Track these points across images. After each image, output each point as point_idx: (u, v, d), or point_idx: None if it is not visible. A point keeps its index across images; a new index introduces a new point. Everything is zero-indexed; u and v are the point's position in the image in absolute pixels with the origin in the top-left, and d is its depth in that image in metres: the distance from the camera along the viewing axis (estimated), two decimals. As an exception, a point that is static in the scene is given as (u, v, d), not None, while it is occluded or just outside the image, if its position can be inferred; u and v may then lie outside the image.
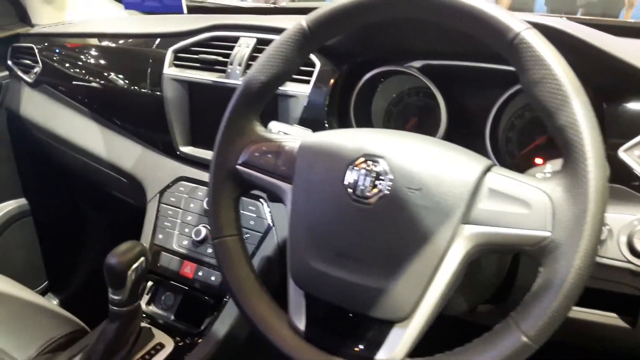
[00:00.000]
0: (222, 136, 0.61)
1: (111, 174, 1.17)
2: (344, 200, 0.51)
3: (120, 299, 0.76)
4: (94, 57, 1.20)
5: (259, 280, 0.60)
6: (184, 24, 1.06)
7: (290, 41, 0.58)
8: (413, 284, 0.47)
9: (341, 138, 0.54)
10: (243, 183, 0.61)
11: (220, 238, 0.61)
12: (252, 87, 0.60)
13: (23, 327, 1.01)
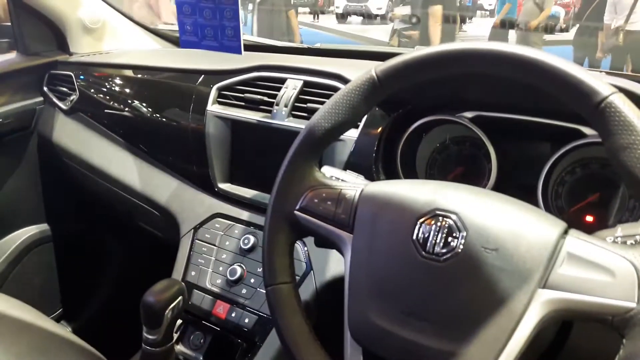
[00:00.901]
0: (281, 180, 0.61)
1: (143, 206, 1.16)
2: (413, 256, 0.50)
3: (155, 339, 0.75)
4: (133, 89, 1.22)
5: (313, 331, 0.58)
6: (227, 62, 1.07)
7: (359, 90, 0.58)
8: (486, 348, 0.46)
9: (408, 190, 0.53)
10: (300, 229, 0.60)
11: (274, 285, 0.60)
12: (315, 133, 0.60)
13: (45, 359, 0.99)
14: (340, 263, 0.81)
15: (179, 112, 1.08)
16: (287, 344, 0.57)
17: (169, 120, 1.11)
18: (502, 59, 0.49)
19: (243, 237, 0.94)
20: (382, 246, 0.52)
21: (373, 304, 0.52)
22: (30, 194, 1.48)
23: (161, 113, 1.13)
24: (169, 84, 1.15)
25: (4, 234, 1.46)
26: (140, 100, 1.18)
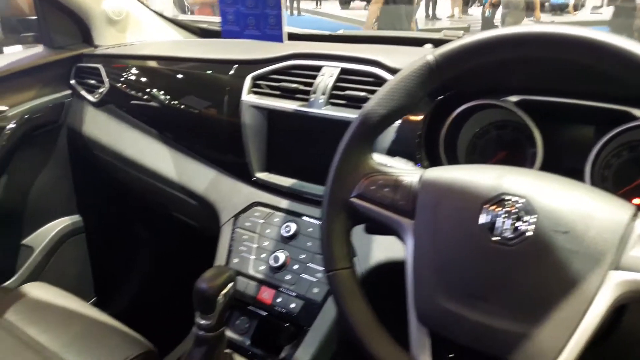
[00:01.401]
0: (337, 168, 0.62)
1: (179, 196, 1.18)
2: (480, 241, 0.51)
3: (208, 324, 0.76)
4: (164, 80, 1.23)
5: (375, 315, 0.60)
6: (258, 51, 1.07)
7: (415, 75, 0.58)
8: (558, 330, 0.47)
9: (470, 175, 0.54)
10: (357, 216, 0.62)
11: (335, 270, 0.61)
12: (370, 119, 0.61)
13: (96, 346, 1.02)
14: (385, 249, 0.83)
15: (213, 103, 1.09)
16: (351, 327, 0.58)
17: (202, 111, 1.12)
18: (572, 43, 0.50)
19: (284, 224, 0.96)
20: (447, 232, 0.54)
21: (440, 288, 0.53)
22: (62, 186, 1.51)
23: (194, 104, 1.14)
24: (201, 74, 1.16)
25: (39, 225, 1.48)
26: (172, 91, 1.19)
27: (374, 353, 0.56)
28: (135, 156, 1.26)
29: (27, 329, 1.06)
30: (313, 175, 0.98)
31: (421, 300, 0.55)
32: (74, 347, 1.01)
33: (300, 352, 0.85)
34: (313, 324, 0.85)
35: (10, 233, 1.44)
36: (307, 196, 0.97)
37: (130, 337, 1.06)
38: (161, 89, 1.21)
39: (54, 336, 1.04)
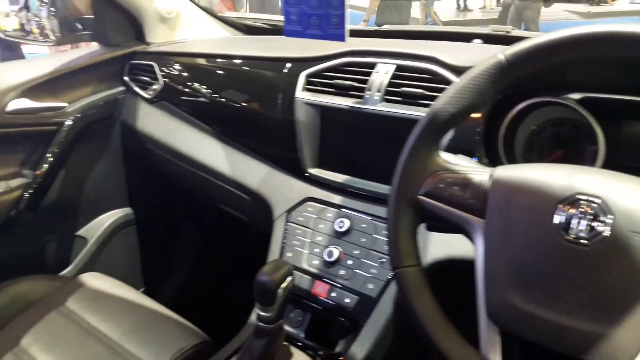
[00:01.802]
0: (404, 165, 0.63)
1: (231, 190, 1.20)
2: (554, 241, 0.51)
3: (269, 317, 0.78)
4: (217, 77, 1.25)
5: (443, 312, 0.60)
6: (309, 49, 1.09)
7: (486, 74, 0.59)
8: (635, 331, 0.47)
9: (543, 174, 0.54)
10: (424, 213, 0.62)
11: (402, 267, 0.62)
12: (439, 117, 0.61)
13: (154, 335, 1.05)
14: (443, 247, 0.83)
15: (266, 99, 1.11)
16: (420, 324, 0.59)
17: (256, 108, 1.14)
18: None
19: (337, 220, 0.97)
20: (520, 231, 0.54)
21: (512, 286, 0.54)
22: (114, 179, 1.56)
23: (248, 100, 1.16)
24: (254, 72, 1.18)
25: (93, 217, 1.54)
26: (225, 88, 1.21)
27: (444, 351, 0.57)
28: (189, 151, 1.29)
29: (87, 318, 1.10)
30: (366, 171, 0.99)
31: (493, 298, 0.55)
32: (132, 335, 1.05)
33: (356, 346, 0.86)
34: (369, 319, 0.86)
35: (67, 224, 1.50)
36: (360, 192, 0.98)
37: (186, 327, 1.09)
38: (214, 86, 1.24)
39: (113, 325, 1.08)
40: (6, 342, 1.05)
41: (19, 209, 1.29)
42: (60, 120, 1.34)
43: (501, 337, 0.55)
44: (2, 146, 1.29)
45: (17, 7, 1.57)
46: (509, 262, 0.54)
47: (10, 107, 1.25)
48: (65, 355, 1.01)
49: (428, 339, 0.59)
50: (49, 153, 1.33)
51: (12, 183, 1.29)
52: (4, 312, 1.13)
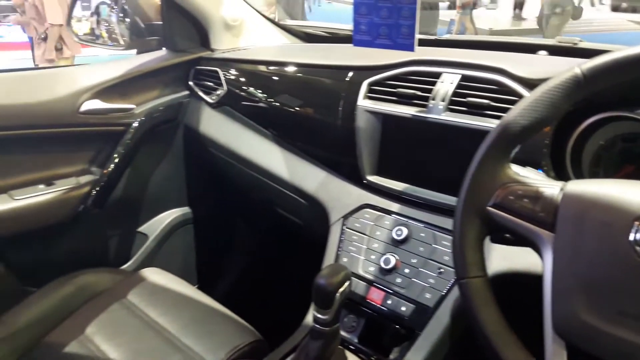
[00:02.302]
0: (473, 176, 0.63)
1: (288, 194, 1.23)
2: (629, 258, 0.50)
3: (326, 319, 0.79)
4: (279, 84, 1.28)
5: (509, 325, 0.60)
6: (372, 57, 1.10)
7: (561, 87, 0.58)
8: None
9: (618, 190, 0.53)
10: (492, 225, 0.62)
11: (468, 278, 0.62)
12: (510, 129, 0.61)
13: (210, 331, 1.08)
14: (505, 259, 0.82)
15: (327, 106, 1.13)
16: (485, 336, 0.59)
17: (317, 114, 1.16)
18: None
19: (395, 228, 0.97)
20: (592, 246, 0.53)
21: (582, 302, 0.53)
22: (175, 179, 1.61)
23: (309, 107, 1.18)
24: (316, 79, 1.20)
25: (154, 215, 1.60)
26: (287, 95, 1.24)
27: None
28: (249, 154, 1.33)
29: (147, 311, 1.15)
30: (426, 180, 0.99)
31: (560, 313, 0.55)
32: (189, 330, 1.09)
33: (411, 354, 0.86)
34: (425, 329, 0.86)
35: (130, 221, 1.56)
36: (419, 201, 0.98)
37: (240, 325, 1.12)
38: (276, 92, 1.27)
39: (171, 319, 1.12)
40: (72, 330, 1.11)
41: (87, 204, 1.36)
42: (128, 121, 1.40)
43: (567, 352, 0.54)
44: (75, 144, 1.36)
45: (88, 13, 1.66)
46: (579, 277, 0.53)
47: (83, 107, 1.32)
48: (126, 345, 1.06)
49: (492, 351, 0.58)
50: (116, 152, 1.39)
51: (81, 180, 1.36)
52: (70, 302, 1.18)
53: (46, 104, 1.24)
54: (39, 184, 1.29)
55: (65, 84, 1.29)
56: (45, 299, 1.17)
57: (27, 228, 1.27)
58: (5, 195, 1.23)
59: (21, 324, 1.11)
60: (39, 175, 1.30)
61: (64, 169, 1.35)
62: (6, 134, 1.19)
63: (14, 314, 1.13)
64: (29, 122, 1.22)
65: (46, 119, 1.25)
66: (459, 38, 1.35)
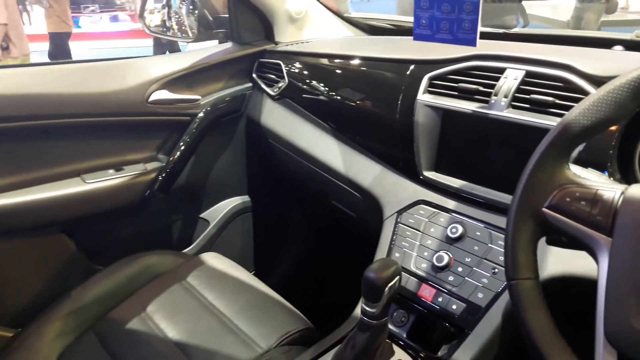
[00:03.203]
0: (530, 175, 0.61)
1: (344, 187, 1.24)
2: None
3: (373, 312, 0.79)
4: (339, 77, 1.29)
5: (558, 329, 0.58)
6: (434, 51, 1.08)
7: (628, 87, 0.56)
8: None
9: None
10: (546, 226, 0.60)
11: (518, 280, 0.60)
12: (571, 129, 0.59)
13: (263, 316, 1.12)
14: (563, 263, 0.79)
15: (386, 100, 1.13)
16: (532, 339, 0.57)
17: (375, 108, 1.16)
18: None
19: (450, 225, 0.96)
20: None
21: (638, 311, 0.51)
22: (236, 169, 1.66)
23: (367, 100, 1.18)
24: (376, 72, 1.20)
25: (216, 202, 1.66)
26: (346, 88, 1.25)
27: None
28: (306, 147, 1.35)
29: (205, 293, 1.19)
30: (485, 178, 0.97)
31: (614, 321, 0.53)
32: (243, 315, 1.12)
33: (460, 353, 0.85)
34: (475, 328, 0.85)
35: (192, 207, 1.62)
36: (476, 199, 0.96)
37: (292, 312, 1.14)
38: (336, 85, 1.28)
39: (227, 303, 1.16)
40: (134, 307, 1.17)
41: (153, 190, 1.43)
42: (194, 112, 1.46)
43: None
44: (143, 132, 1.43)
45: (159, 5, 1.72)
46: (636, 284, 0.51)
47: (152, 97, 1.38)
48: (184, 325, 1.11)
49: (539, 356, 0.57)
50: (182, 141, 1.45)
51: (148, 166, 1.43)
52: (134, 282, 1.25)
53: (117, 94, 1.31)
54: (109, 169, 1.36)
55: (135, 75, 1.36)
56: (111, 278, 1.25)
57: (97, 210, 1.35)
58: (78, 179, 1.31)
59: (88, 300, 1.18)
60: (110, 160, 1.37)
61: (133, 156, 1.42)
62: (80, 121, 1.27)
63: (82, 289, 1.21)
64: (101, 110, 1.30)
65: (117, 107, 1.32)
66: (526, 32, 1.30)
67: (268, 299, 1.18)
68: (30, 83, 1.20)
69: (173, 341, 1.07)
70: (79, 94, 1.27)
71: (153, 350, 1.06)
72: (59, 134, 1.27)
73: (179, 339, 1.07)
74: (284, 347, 1.04)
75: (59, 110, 1.24)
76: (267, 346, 1.03)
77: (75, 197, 1.30)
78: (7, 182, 1.21)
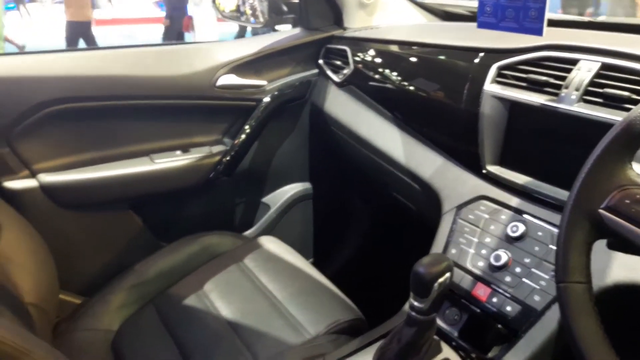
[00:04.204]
0: (587, 174, 0.57)
1: (403, 179, 1.21)
2: None
3: (421, 307, 0.77)
4: (404, 65, 1.26)
5: (608, 339, 0.54)
6: (505, 40, 1.03)
7: None
8: None
9: None
10: (602, 229, 0.56)
11: (567, 283, 0.57)
12: (636, 126, 0.54)
13: (314, 303, 1.12)
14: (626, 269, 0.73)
15: (451, 90, 1.09)
16: (578, 346, 0.54)
17: (440, 98, 1.12)
18: None
19: (511, 224, 0.91)
20: None
21: None
22: (299, 155, 1.67)
23: (432, 90, 1.15)
24: (443, 60, 1.16)
25: (277, 187, 1.68)
26: (411, 76, 1.21)
27: None
28: (368, 136, 1.33)
29: (260, 276, 1.22)
30: (552, 175, 0.91)
31: None
32: (295, 300, 1.13)
33: (511, 356, 0.81)
34: (529, 331, 0.81)
35: (254, 190, 1.65)
36: (541, 197, 0.91)
37: (344, 302, 1.14)
38: (401, 73, 1.25)
39: (280, 287, 1.17)
40: (192, 285, 1.21)
41: (217, 172, 1.46)
42: (259, 97, 1.48)
43: None
44: (209, 116, 1.47)
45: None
46: None
47: (220, 82, 1.41)
48: (237, 305, 1.13)
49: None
50: (246, 125, 1.47)
51: (214, 149, 1.47)
52: (194, 260, 1.30)
53: (186, 77, 1.35)
54: (176, 150, 1.41)
55: (204, 59, 1.40)
56: (173, 255, 1.30)
57: (163, 189, 1.41)
58: (147, 158, 1.37)
59: (150, 275, 1.24)
60: (177, 142, 1.42)
61: (199, 138, 1.46)
62: (151, 103, 1.32)
63: (146, 264, 1.27)
64: (171, 93, 1.34)
65: (185, 91, 1.36)
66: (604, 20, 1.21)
67: (321, 287, 1.19)
68: (105, 65, 1.26)
69: (226, 320, 1.10)
70: (151, 77, 1.32)
71: (207, 327, 1.09)
72: (131, 115, 1.33)
73: (231, 318, 1.10)
74: (332, 335, 1.04)
75: (132, 92, 1.30)
76: (315, 332, 1.04)
77: (143, 176, 1.36)
78: (82, 159, 1.29)
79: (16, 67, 1.19)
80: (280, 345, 1.02)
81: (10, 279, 0.94)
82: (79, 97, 1.23)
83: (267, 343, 1.03)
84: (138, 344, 1.09)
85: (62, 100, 1.21)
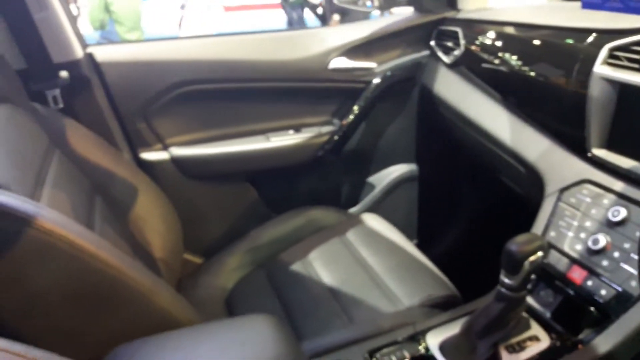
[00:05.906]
0: None
1: (508, 161, 1.21)
2: None
3: (511, 284, 0.79)
4: (514, 46, 1.24)
5: None
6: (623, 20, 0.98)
7: None
8: None
9: None
10: None
11: None
12: None
13: (410, 278, 1.17)
14: None
15: (560, 71, 1.06)
16: None
17: (548, 79, 1.10)
18: None
19: (612, 208, 0.89)
20: None
21: None
22: (406, 136, 1.71)
23: (541, 71, 1.13)
24: (554, 42, 1.13)
25: (383, 167, 1.73)
26: (521, 57, 1.19)
27: None
28: (476, 117, 1.33)
29: (360, 250, 1.29)
30: (660, 161, 0.87)
31: None
32: (392, 274, 1.19)
33: (602, 339, 0.80)
34: (622, 316, 0.79)
35: (360, 170, 1.72)
36: None
37: (440, 279, 1.18)
38: (512, 54, 1.23)
39: (379, 261, 1.24)
40: (298, 253, 1.32)
41: (325, 151, 1.55)
42: (369, 79, 1.53)
43: None
44: (321, 98, 1.56)
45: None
46: None
47: (332, 64, 1.49)
48: (338, 274, 1.22)
49: None
50: (355, 106, 1.54)
51: (323, 129, 1.56)
52: (300, 231, 1.41)
53: (301, 61, 1.45)
54: (290, 130, 1.52)
55: (318, 44, 1.48)
56: (283, 225, 1.42)
57: (277, 165, 1.53)
58: (263, 137, 1.50)
59: (262, 241, 1.37)
60: (290, 122, 1.54)
61: (310, 119, 1.56)
62: (268, 85, 1.44)
63: (259, 232, 1.40)
64: (287, 75, 1.45)
65: (300, 74, 1.46)
66: None
67: (419, 263, 1.23)
68: (229, 50, 1.40)
69: (327, 286, 1.19)
70: (269, 61, 1.43)
71: (309, 291, 1.19)
72: (251, 97, 1.46)
73: (331, 284, 1.19)
74: (425, 308, 1.08)
75: (252, 75, 1.43)
76: (409, 304, 1.09)
77: (260, 153, 1.49)
78: (207, 135, 1.45)
79: (155, 52, 1.36)
80: (374, 312, 1.09)
81: (144, 237, 1.10)
82: (206, 79, 1.38)
83: (362, 309, 1.10)
84: (248, 302, 1.22)
85: (192, 82, 1.37)
